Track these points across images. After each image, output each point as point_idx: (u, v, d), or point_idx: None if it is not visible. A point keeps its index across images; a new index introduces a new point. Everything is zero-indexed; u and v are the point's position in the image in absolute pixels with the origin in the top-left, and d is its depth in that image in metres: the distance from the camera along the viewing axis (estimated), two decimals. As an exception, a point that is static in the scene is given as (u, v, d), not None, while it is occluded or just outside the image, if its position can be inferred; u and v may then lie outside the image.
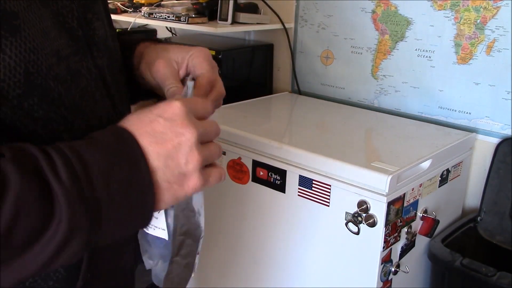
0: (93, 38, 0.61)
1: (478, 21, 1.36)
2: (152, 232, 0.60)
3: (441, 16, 1.42)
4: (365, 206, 1.09)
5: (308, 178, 1.18)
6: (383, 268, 1.13)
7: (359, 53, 1.62)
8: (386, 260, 1.14)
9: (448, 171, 1.30)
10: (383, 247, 1.11)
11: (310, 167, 1.18)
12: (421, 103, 1.51)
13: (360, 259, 1.14)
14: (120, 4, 1.99)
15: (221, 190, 1.39)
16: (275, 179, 1.25)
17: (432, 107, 1.49)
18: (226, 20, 1.64)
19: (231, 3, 1.62)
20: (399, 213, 1.13)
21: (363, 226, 1.11)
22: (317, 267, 1.23)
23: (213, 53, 1.65)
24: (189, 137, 0.49)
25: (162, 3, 1.94)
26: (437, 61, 1.46)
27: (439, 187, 1.28)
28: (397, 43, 1.52)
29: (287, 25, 1.74)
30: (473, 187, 1.45)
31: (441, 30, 1.43)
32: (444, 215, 1.33)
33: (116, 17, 1.92)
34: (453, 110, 1.45)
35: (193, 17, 1.65)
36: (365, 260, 1.13)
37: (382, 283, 1.15)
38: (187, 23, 1.64)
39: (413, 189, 1.16)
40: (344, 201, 1.13)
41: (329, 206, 1.16)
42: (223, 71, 1.65)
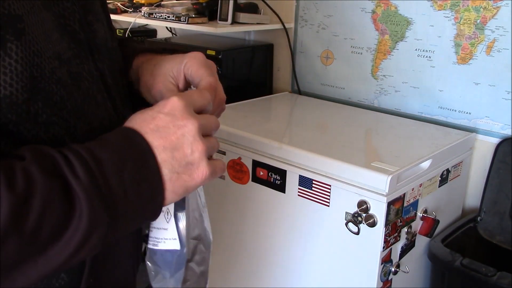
0: (94, 40, 0.60)
1: (478, 21, 1.36)
2: (162, 247, 0.61)
3: (441, 16, 1.42)
4: (365, 206, 1.09)
5: (308, 178, 1.18)
6: (383, 268, 1.13)
7: (359, 53, 1.62)
8: (386, 260, 1.14)
9: (448, 171, 1.30)
10: (383, 247, 1.11)
11: (310, 167, 1.18)
12: (421, 103, 1.51)
13: (360, 259, 1.14)
14: (120, 4, 1.99)
15: (221, 190, 1.39)
16: (275, 179, 1.25)
17: (432, 107, 1.49)
18: (226, 20, 1.64)
19: (231, 3, 1.62)
20: (399, 213, 1.13)
21: (363, 226, 1.11)
22: (317, 267, 1.23)
23: (213, 53, 1.65)
24: (190, 127, 0.51)
25: (162, 3, 1.94)
26: (437, 61, 1.46)
27: (439, 187, 1.28)
28: (397, 43, 1.52)
29: (287, 25, 1.74)
30: (473, 187, 1.45)
31: (441, 30, 1.43)
32: (444, 215, 1.33)
33: (116, 17, 1.92)
34: (453, 110, 1.45)
35: (193, 17, 1.65)
36: (365, 260, 1.13)
37: (382, 283, 1.15)
38: (187, 23, 1.64)
39: (413, 189, 1.16)
40: (344, 201, 1.13)
41: (329, 206, 1.16)
42: (223, 71, 1.65)
